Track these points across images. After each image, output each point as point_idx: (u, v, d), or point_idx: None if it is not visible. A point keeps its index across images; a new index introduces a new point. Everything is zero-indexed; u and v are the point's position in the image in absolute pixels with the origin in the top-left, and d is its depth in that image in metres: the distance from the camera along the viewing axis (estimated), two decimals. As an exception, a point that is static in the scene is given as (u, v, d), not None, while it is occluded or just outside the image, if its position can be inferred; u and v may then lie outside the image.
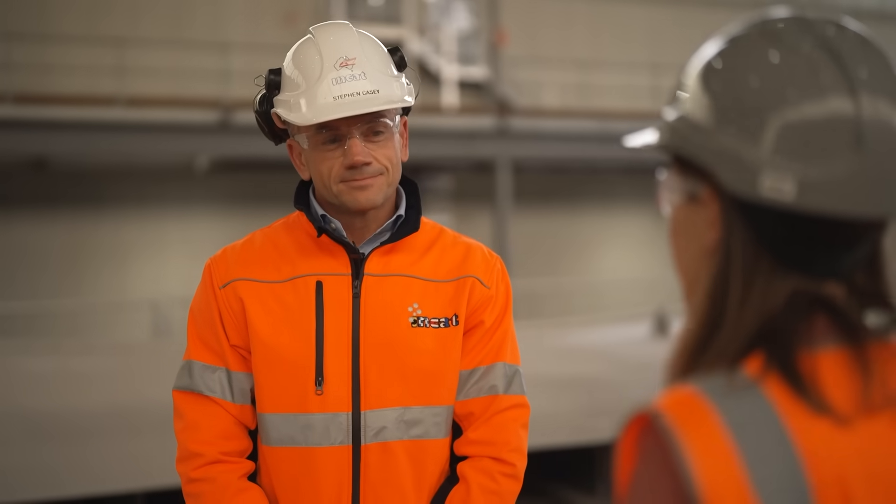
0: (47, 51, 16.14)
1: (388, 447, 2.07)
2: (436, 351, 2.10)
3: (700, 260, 1.14)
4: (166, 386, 2.26)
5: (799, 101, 1.07)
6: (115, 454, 6.84)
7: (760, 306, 1.08)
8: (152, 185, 17.42)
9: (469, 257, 2.19)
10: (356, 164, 2.02)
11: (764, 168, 1.06)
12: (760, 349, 1.06)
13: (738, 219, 1.09)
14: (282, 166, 16.68)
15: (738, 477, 0.98)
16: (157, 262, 17.53)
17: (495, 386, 2.15)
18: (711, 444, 1.00)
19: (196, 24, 17.47)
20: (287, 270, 2.11)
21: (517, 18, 19.22)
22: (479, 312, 2.15)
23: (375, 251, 2.12)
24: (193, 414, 2.11)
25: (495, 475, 2.12)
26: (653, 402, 1.04)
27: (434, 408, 2.11)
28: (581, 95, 19.43)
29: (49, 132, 14.59)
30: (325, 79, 2.02)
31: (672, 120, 1.17)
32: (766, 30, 1.14)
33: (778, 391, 1.03)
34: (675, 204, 1.18)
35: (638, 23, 20.52)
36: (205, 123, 15.48)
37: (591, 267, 20.56)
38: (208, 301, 2.14)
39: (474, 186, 18.60)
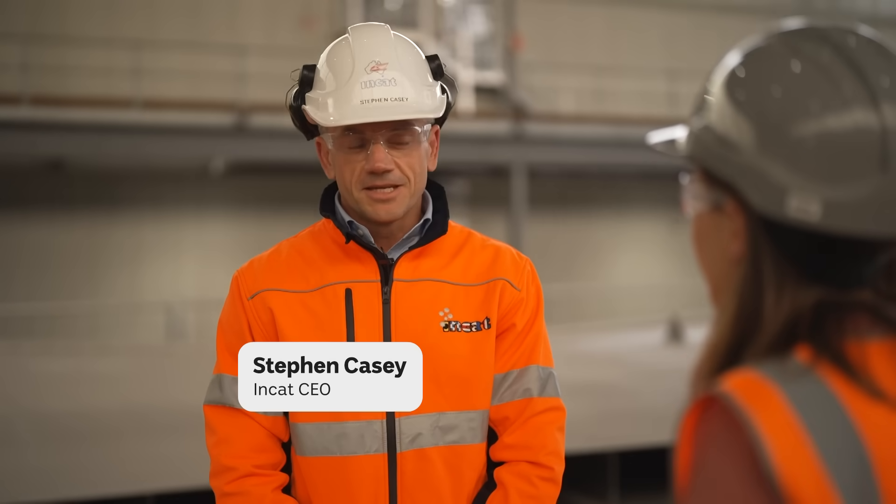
0: (64, 53, 16.19)
1: (423, 454, 2.05)
2: (469, 355, 2.08)
3: (725, 266, 1.17)
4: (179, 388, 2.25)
5: (821, 113, 1.08)
6: (128, 456, 6.86)
7: (791, 311, 1.10)
8: (168, 188, 17.45)
9: (498, 260, 2.17)
10: (377, 171, 2.01)
11: (791, 189, 1.08)
12: (805, 342, 1.09)
13: (764, 233, 1.11)
14: (297, 170, 16.76)
15: (809, 452, 1.01)
16: (172, 265, 17.56)
17: (529, 389, 2.13)
18: (782, 422, 1.02)
19: (213, 26, 17.51)
20: (315, 279, 2.09)
21: (533, 23, 19.21)
22: (511, 315, 2.14)
23: (404, 256, 2.11)
24: (225, 428, 2.08)
25: (533, 479, 2.10)
26: (716, 386, 1.06)
27: (469, 412, 2.09)
28: (596, 101, 19.40)
29: (66, 134, 14.63)
30: (355, 82, 2.01)
31: (698, 129, 1.18)
32: (786, 40, 1.15)
33: (833, 377, 1.06)
34: (699, 211, 1.19)
35: (654, 28, 20.48)
36: (221, 126, 15.50)
37: (605, 272, 20.52)
38: (237, 313, 2.12)
39: (489, 191, 18.59)
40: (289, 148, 15.41)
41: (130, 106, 15.29)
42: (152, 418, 7.74)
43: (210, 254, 17.45)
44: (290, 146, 15.40)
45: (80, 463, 6.66)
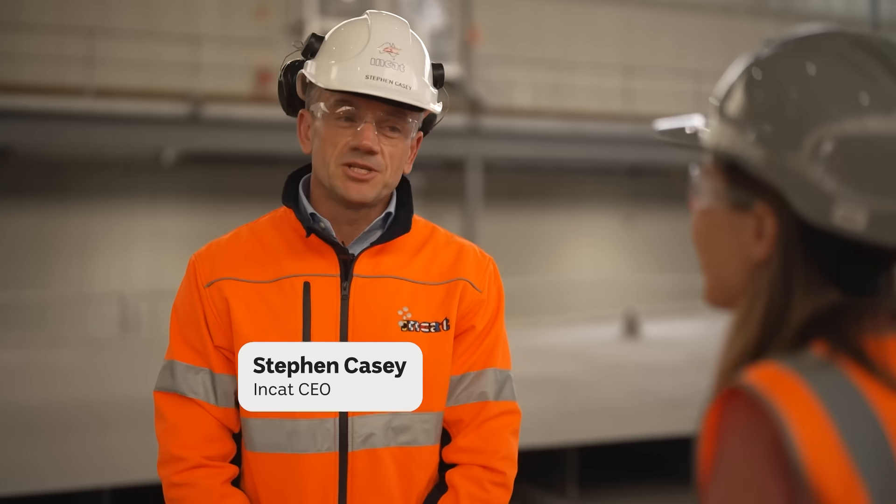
0: (15, 40, 15.96)
1: (375, 454, 2.02)
2: (426, 357, 2.04)
3: (740, 266, 1.16)
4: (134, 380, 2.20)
5: (866, 113, 1.08)
6: (83, 449, 6.76)
7: (812, 311, 1.11)
8: (120, 177, 17.27)
9: (461, 259, 2.15)
10: (363, 148, 1.98)
11: (839, 198, 1.07)
12: (821, 338, 1.09)
13: (798, 238, 1.11)
14: (251, 160, 16.66)
15: (835, 442, 1.01)
16: (123, 255, 17.39)
17: (485, 392, 2.10)
18: (808, 412, 1.02)
19: (167, 15, 17.34)
20: (273, 270, 2.06)
21: (490, 17, 19.23)
22: (470, 316, 2.11)
23: (365, 252, 2.07)
24: (175, 416, 2.05)
25: (485, 484, 2.07)
26: (741, 379, 1.06)
27: (423, 414, 2.06)
28: (552, 96, 19.45)
29: (16, 122, 14.44)
30: (366, 56, 1.99)
31: (729, 128, 1.16)
32: (819, 42, 1.15)
33: (853, 371, 1.06)
34: (714, 207, 1.18)
35: (610, 24, 20.58)
36: (174, 116, 15.39)
37: (559, 266, 20.60)
38: (192, 300, 2.07)
39: (445, 185, 18.58)
40: (242, 138, 15.32)
41: (82, 94, 15.12)
42: (105, 411, 7.65)
43: (162, 244, 17.30)
44: (244, 137, 15.32)
45: (32, 457, 6.55)
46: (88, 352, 11.35)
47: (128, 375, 9.03)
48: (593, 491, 7.68)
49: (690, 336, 13.00)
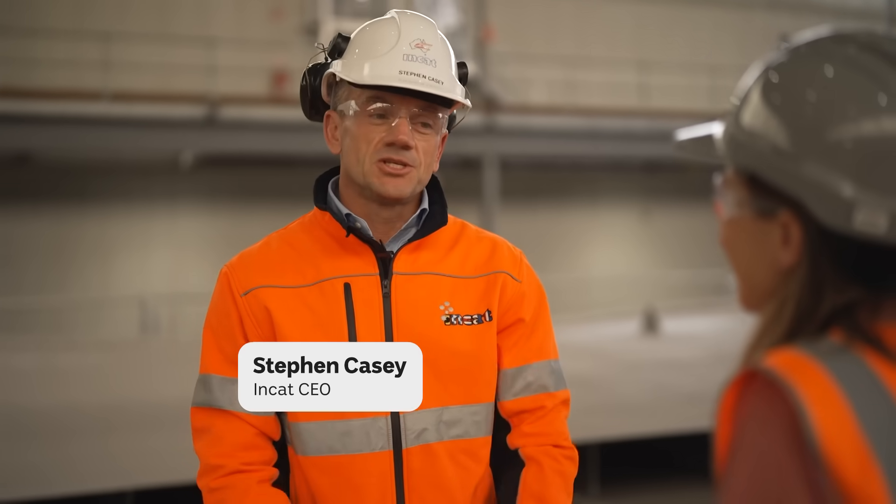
0: (32, 45, 16.03)
1: (429, 449, 2.03)
2: (471, 348, 2.07)
3: (769, 272, 1.17)
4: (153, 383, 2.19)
5: (872, 117, 1.09)
6: (103, 452, 6.79)
7: (833, 304, 1.12)
8: (137, 181, 17.32)
9: (496, 252, 2.16)
10: (399, 143, 1.98)
11: (859, 204, 1.08)
12: (837, 326, 1.10)
13: (822, 243, 1.12)
14: (268, 162, 16.68)
15: (852, 424, 1.02)
16: (142, 258, 17.44)
17: (545, 385, 2.15)
18: (826, 394, 1.03)
19: (182, 18, 17.38)
20: (312, 274, 2.05)
21: (504, 15, 19.21)
22: (516, 309, 2.14)
23: (403, 249, 2.08)
24: (213, 428, 2.04)
25: (559, 458, 2.12)
26: (759, 363, 1.07)
27: (472, 406, 2.08)
28: (567, 92, 19.41)
29: (33, 126, 14.50)
30: (398, 52, 2.00)
31: (744, 135, 1.17)
32: (829, 46, 1.15)
33: (869, 356, 1.08)
34: (740, 216, 1.19)
35: (624, 20, 20.52)
36: (191, 119, 15.41)
37: (577, 264, 20.56)
38: (227, 310, 2.06)
39: (461, 183, 18.55)
40: (259, 140, 15.34)
41: (99, 98, 15.16)
42: (127, 413, 7.67)
43: (181, 247, 17.34)
44: (261, 138, 15.34)
45: (56, 459, 6.58)
46: (107, 355, 11.39)
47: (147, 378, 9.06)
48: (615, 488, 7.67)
49: (709, 332, 12.96)
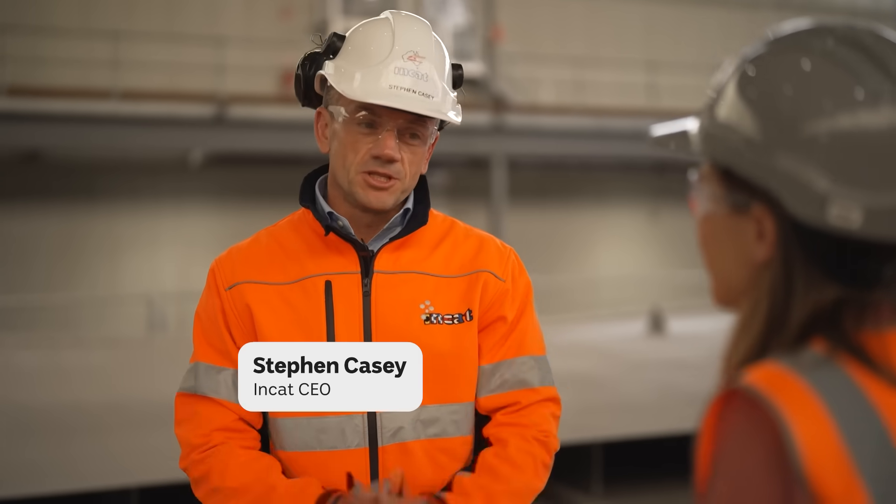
0: (41, 43, 16.07)
1: (405, 447, 2.03)
2: (450, 348, 2.06)
3: (744, 268, 1.15)
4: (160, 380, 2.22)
5: (847, 111, 1.07)
6: (109, 449, 6.81)
7: (814, 307, 1.10)
8: (146, 179, 17.36)
9: (482, 251, 2.15)
10: (384, 157, 1.98)
11: (832, 197, 1.06)
12: (821, 335, 1.08)
13: (796, 238, 1.10)
14: (276, 161, 16.69)
15: (838, 447, 1.00)
16: (150, 256, 17.48)
17: (525, 380, 2.12)
18: (809, 410, 1.01)
19: (191, 17, 17.41)
20: (295, 271, 2.07)
21: (513, 15, 19.20)
22: (498, 307, 2.12)
23: (385, 248, 2.08)
24: (195, 414, 2.07)
25: (529, 439, 2.08)
26: (740, 380, 1.05)
27: (451, 405, 2.08)
28: (576, 92, 19.40)
29: (42, 125, 14.54)
30: (390, 64, 1.98)
31: (718, 129, 1.16)
32: (799, 39, 1.14)
33: (853, 367, 1.05)
34: (715, 212, 1.17)
35: (633, 19, 20.50)
36: (199, 117, 15.43)
37: (585, 264, 20.55)
38: (213, 303, 2.09)
39: (470, 182, 18.57)
40: (268, 139, 15.36)
41: (108, 97, 15.21)
42: (133, 411, 7.70)
43: (189, 245, 17.37)
44: (269, 137, 15.36)
45: (61, 456, 6.61)
46: (116, 352, 11.42)
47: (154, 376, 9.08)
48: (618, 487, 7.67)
49: (715, 332, 12.88)
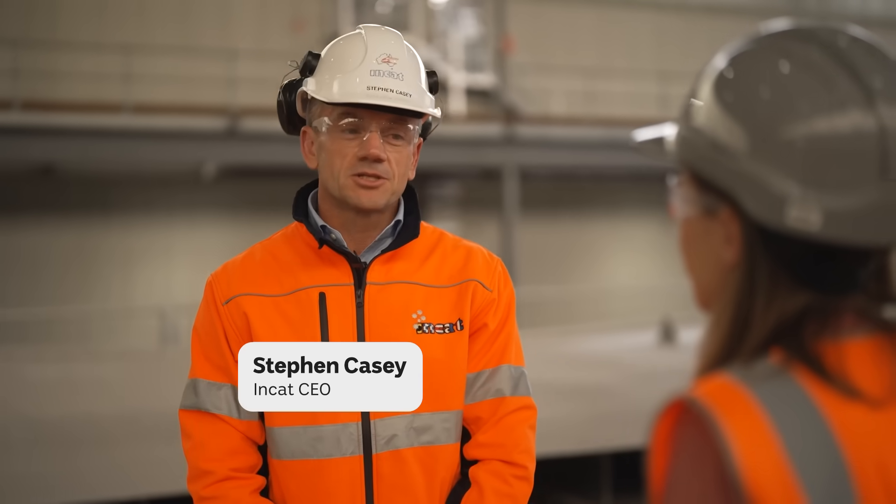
0: (54, 58, 16.16)
1: (399, 455, 2.07)
2: (442, 357, 2.11)
3: (715, 271, 1.15)
4: (173, 393, 2.26)
5: (818, 115, 1.06)
6: (122, 460, 6.84)
7: (780, 315, 1.09)
8: (159, 192, 17.43)
9: (470, 261, 2.20)
10: (371, 157, 2.04)
11: (791, 199, 1.06)
12: (778, 345, 1.07)
13: (760, 241, 1.10)
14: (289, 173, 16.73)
15: (780, 461, 0.99)
16: (163, 269, 17.53)
17: (501, 389, 2.16)
18: (752, 428, 1.00)
19: (203, 30, 17.49)
20: (289, 283, 2.12)
21: (524, 26, 19.22)
22: (482, 315, 2.17)
23: (377, 259, 2.13)
24: (201, 433, 2.11)
25: (507, 478, 2.12)
26: (687, 390, 1.05)
27: (443, 413, 2.11)
28: (588, 103, 19.41)
29: (56, 139, 14.60)
30: (365, 68, 2.05)
31: (689, 133, 1.16)
32: (778, 41, 1.13)
33: (807, 379, 1.04)
34: (689, 215, 1.18)
35: (644, 30, 20.51)
36: (212, 130, 15.48)
37: (597, 274, 20.53)
38: (211, 318, 2.14)
39: (481, 194, 18.58)
40: (280, 152, 15.40)
41: (121, 110, 15.26)
42: (145, 423, 7.73)
43: (202, 258, 17.41)
44: (282, 150, 15.40)
45: (74, 468, 6.64)
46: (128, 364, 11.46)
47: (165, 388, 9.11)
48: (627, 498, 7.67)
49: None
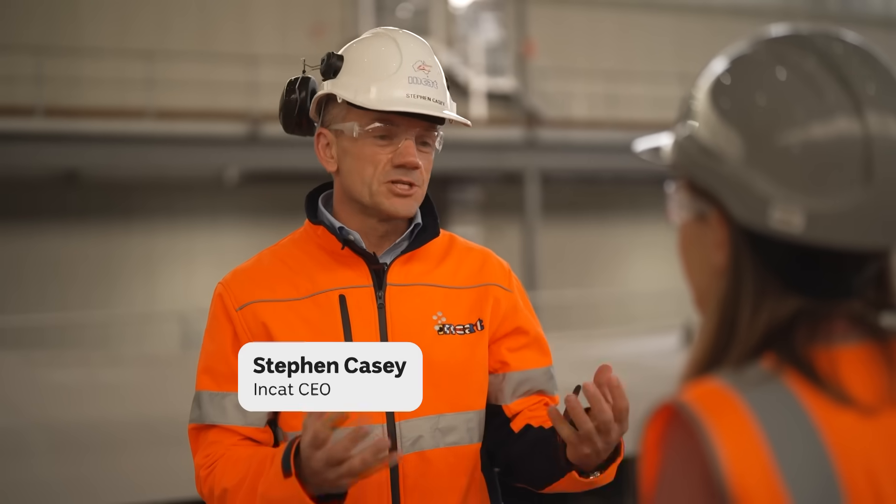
0: (77, 64, 16.24)
1: (425, 456, 2.07)
2: (464, 357, 2.12)
3: (709, 276, 1.16)
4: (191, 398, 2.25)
5: (805, 122, 1.07)
6: (144, 465, 6.85)
7: (769, 321, 1.09)
8: (182, 198, 17.49)
9: (487, 264, 2.22)
10: (409, 165, 2.04)
11: (773, 200, 1.07)
12: (770, 350, 1.07)
13: (747, 245, 1.10)
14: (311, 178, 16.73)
15: (768, 466, 0.99)
16: (186, 274, 17.59)
17: (544, 389, 2.21)
18: (740, 433, 1.00)
19: (224, 36, 17.55)
20: (306, 287, 2.10)
21: (545, 29, 19.21)
22: (513, 318, 2.19)
23: (396, 261, 2.12)
24: (206, 443, 2.11)
25: None
26: (677, 394, 1.05)
27: (467, 413, 2.12)
28: (609, 106, 19.37)
29: (79, 145, 14.68)
30: (403, 74, 2.04)
31: (682, 138, 1.17)
32: (770, 47, 1.14)
33: (798, 384, 1.04)
34: (684, 220, 1.19)
35: (666, 33, 20.46)
36: (234, 136, 15.53)
37: (619, 278, 20.49)
38: (221, 326, 2.12)
39: (503, 198, 18.57)
40: (302, 157, 15.41)
41: (143, 116, 15.33)
42: (168, 427, 7.72)
43: (224, 263, 17.40)
44: (304, 155, 15.40)
45: (92, 474, 6.66)
46: (148, 370, 11.48)
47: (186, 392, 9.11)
48: (651, 502, 7.63)
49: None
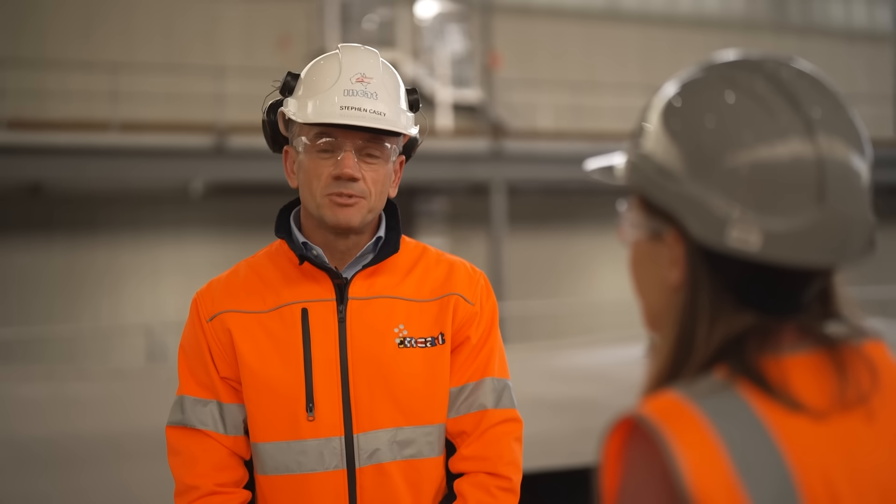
0: (41, 76, 16.14)
1: (382, 469, 2.08)
2: (424, 371, 2.12)
3: (662, 293, 1.18)
4: (161, 412, 2.27)
5: (758, 144, 1.10)
6: (110, 481, 6.80)
7: (724, 335, 1.12)
8: (147, 210, 17.39)
9: (452, 275, 2.22)
10: (344, 176, 2.06)
11: (731, 220, 1.09)
12: (723, 361, 1.10)
13: (704, 263, 1.13)
14: (277, 190, 16.71)
15: (727, 473, 1.02)
16: (151, 287, 17.49)
17: (484, 402, 2.17)
18: (699, 442, 1.03)
19: (190, 48, 17.49)
20: (272, 300, 2.14)
21: (510, 41, 19.27)
22: (465, 329, 2.18)
23: (358, 275, 2.15)
24: (187, 449, 2.12)
25: (492, 490, 2.13)
26: (635, 408, 1.07)
27: (426, 427, 2.13)
28: (575, 117, 19.46)
29: (44, 157, 14.56)
30: (339, 88, 2.07)
31: (636, 157, 1.19)
32: (722, 71, 1.17)
33: (751, 393, 1.07)
34: (637, 238, 1.21)
35: (631, 44, 20.58)
36: (200, 148, 15.46)
37: (585, 288, 20.54)
38: (196, 335, 2.16)
39: (469, 209, 18.60)
40: (268, 168, 15.39)
41: (108, 129, 15.23)
42: (134, 442, 7.69)
43: (190, 275, 17.38)
44: (270, 167, 15.37)
45: (55, 489, 6.60)
46: (115, 384, 11.41)
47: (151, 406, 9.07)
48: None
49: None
